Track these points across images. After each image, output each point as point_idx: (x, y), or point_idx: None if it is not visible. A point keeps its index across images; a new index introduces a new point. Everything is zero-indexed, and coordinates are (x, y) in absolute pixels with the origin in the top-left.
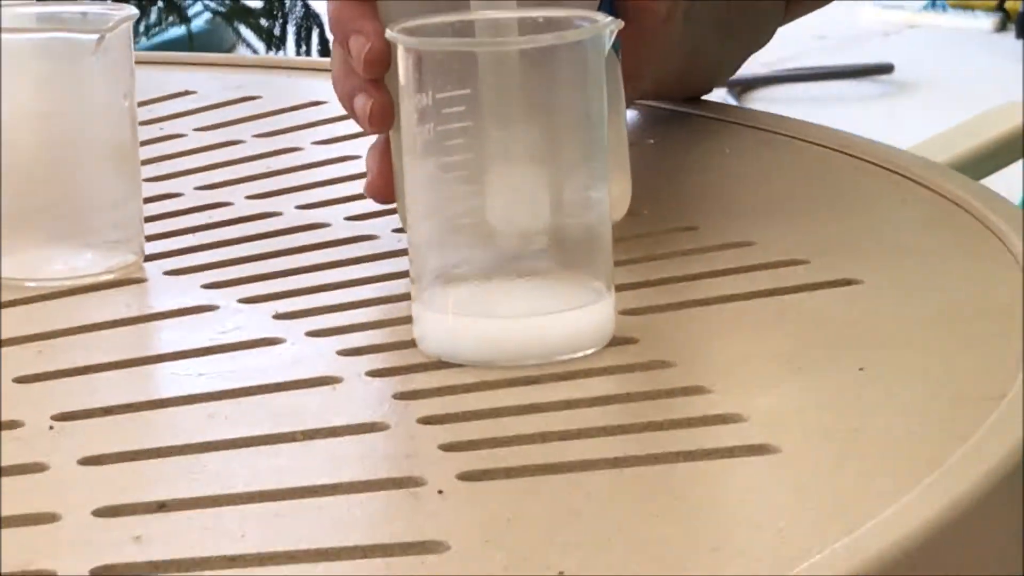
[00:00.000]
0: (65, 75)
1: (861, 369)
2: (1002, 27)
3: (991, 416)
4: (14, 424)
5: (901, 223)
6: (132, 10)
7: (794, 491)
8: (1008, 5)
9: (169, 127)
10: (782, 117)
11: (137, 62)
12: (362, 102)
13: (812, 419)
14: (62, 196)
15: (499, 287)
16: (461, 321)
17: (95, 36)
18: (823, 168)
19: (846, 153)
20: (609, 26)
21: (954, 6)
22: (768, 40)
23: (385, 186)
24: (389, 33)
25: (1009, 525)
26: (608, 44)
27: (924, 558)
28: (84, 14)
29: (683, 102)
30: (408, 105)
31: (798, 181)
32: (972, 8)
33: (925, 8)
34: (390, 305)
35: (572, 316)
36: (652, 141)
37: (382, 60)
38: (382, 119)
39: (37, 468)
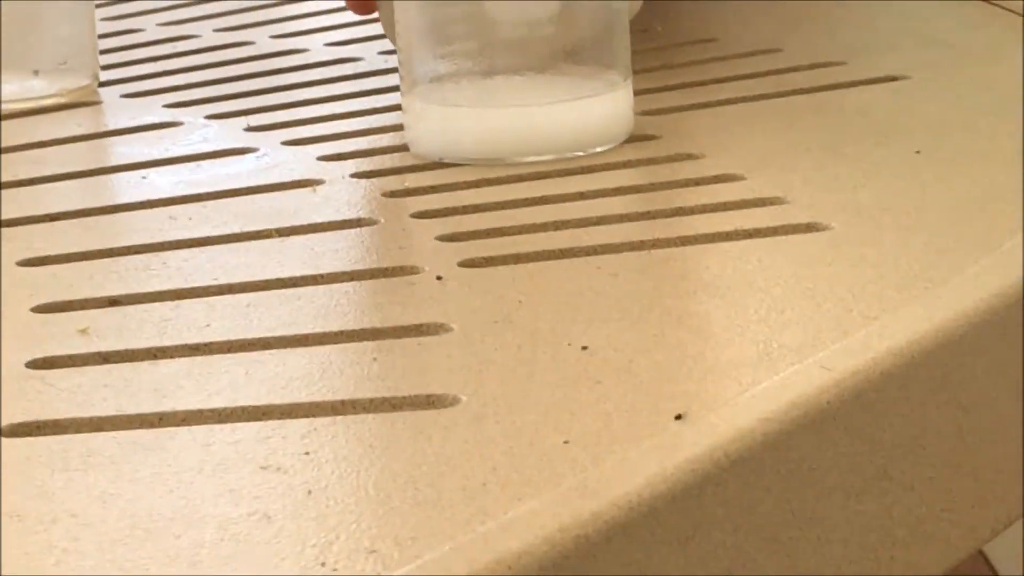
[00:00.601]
0: None
1: (917, 152)
2: None
3: None
4: None
5: (943, 24)
6: None
7: (850, 266)
8: None
9: None
10: None
11: None
12: None
13: (863, 199)
14: (9, 16)
15: (502, 78)
16: (459, 112)
17: None
18: None
19: None
20: None
21: None
22: None
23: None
24: None
25: None
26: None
27: (985, 328)
28: None
29: None
30: None
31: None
32: None
33: None
34: (378, 116)
35: (585, 106)
36: None
37: None
38: None
39: None
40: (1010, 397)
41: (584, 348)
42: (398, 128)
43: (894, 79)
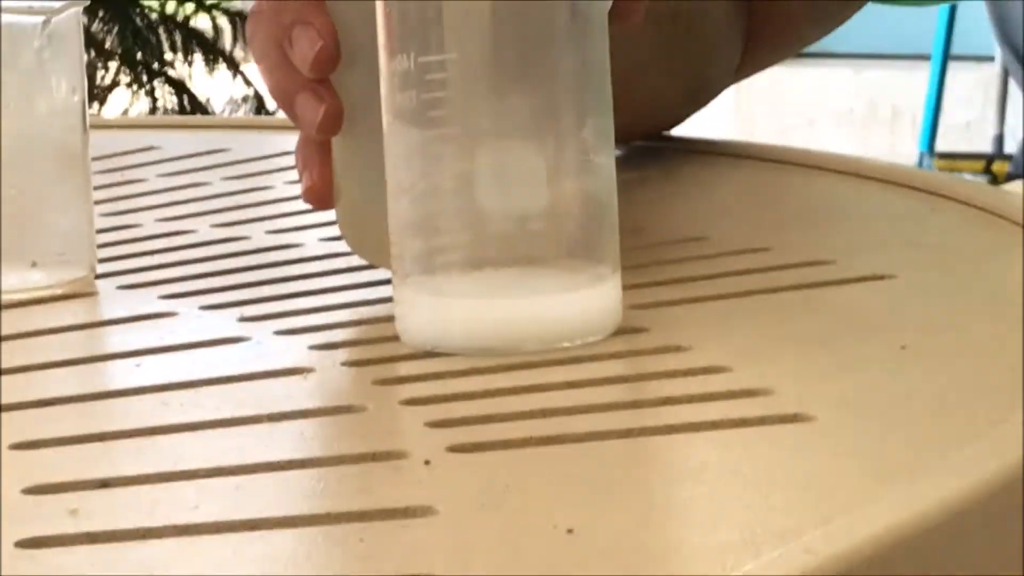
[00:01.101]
0: (7, 67)
1: (903, 347)
2: None
3: None
4: None
5: (931, 227)
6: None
7: (834, 456)
8: (995, 168)
9: (131, 175)
10: (783, 147)
11: (93, 126)
12: (310, 105)
13: (848, 391)
14: (7, 208)
15: (492, 270)
16: (449, 303)
17: (39, 19)
18: (838, 188)
19: (863, 176)
20: None
21: (941, 168)
22: (717, 90)
23: (326, 188)
24: None
25: None
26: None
27: (968, 518)
28: (30, 7)
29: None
30: (387, 70)
31: (813, 198)
32: (960, 171)
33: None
34: (370, 307)
35: (574, 298)
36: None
37: (332, 60)
38: (334, 125)
39: None
40: None
41: (569, 531)
42: (390, 319)
43: (881, 278)
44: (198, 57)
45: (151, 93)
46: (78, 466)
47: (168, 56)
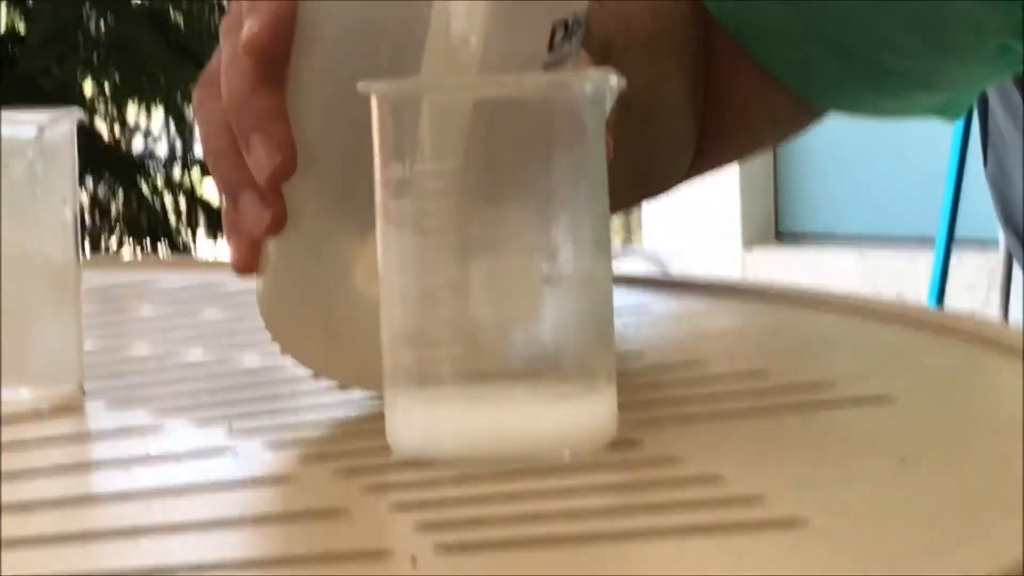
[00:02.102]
0: None
1: (902, 459)
2: None
3: None
4: None
5: (934, 355)
6: (76, 110)
7: (828, 557)
8: None
9: (124, 305)
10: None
11: (92, 267)
12: (256, 208)
13: (845, 498)
14: None
15: (485, 379)
16: (441, 413)
17: (33, 130)
18: (841, 323)
19: (867, 314)
20: (610, 80)
21: None
22: (668, 183)
23: (254, 262)
24: (364, 85)
25: None
26: (610, 102)
27: None
28: (21, 118)
29: None
30: (382, 176)
31: (814, 330)
32: None
33: None
34: (364, 423)
35: (568, 410)
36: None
37: (288, 176)
38: (278, 231)
39: None
40: None
41: None
42: (382, 431)
43: (880, 400)
44: (202, 223)
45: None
46: (58, 564)
47: (172, 222)
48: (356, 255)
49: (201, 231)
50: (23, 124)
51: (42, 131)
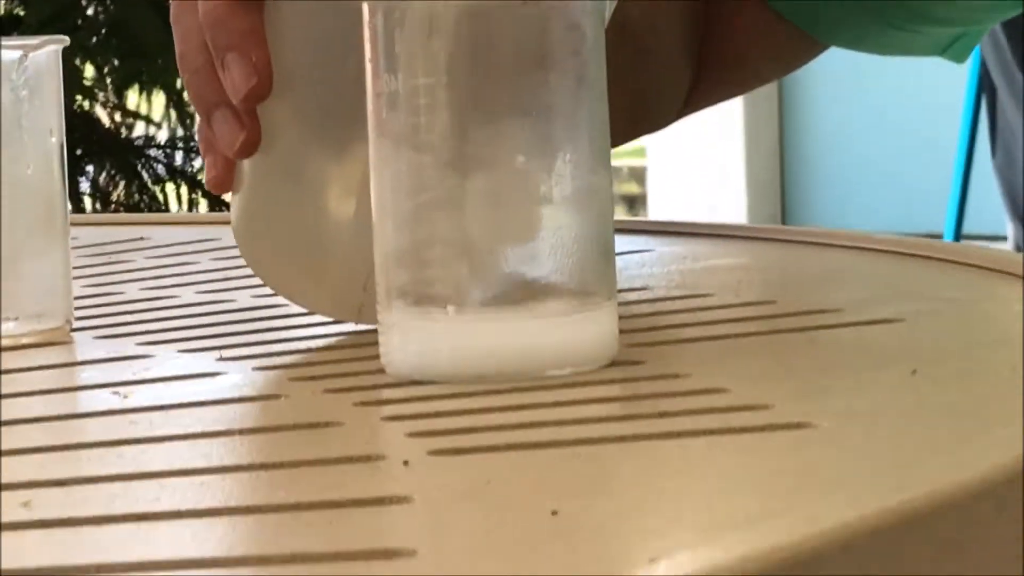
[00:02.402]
0: None
1: (914, 372)
2: None
3: None
4: None
5: (941, 284)
6: (62, 37)
7: (836, 454)
8: None
9: (117, 258)
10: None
11: (84, 224)
12: (230, 126)
13: (856, 404)
14: None
15: (481, 297)
16: (435, 330)
17: (16, 54)
18: (849, 257)
19: (875, 249)
20: None
21: None
22: (663, 119)
23: (228, 178)
24: None
25: None
26: (609, 9)
27: (983, 503)
28: (6, 43)
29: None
30: (373, 90)
31: (823, 265)
32: None
33: None
34: (357, 348)
35: (567, 326)
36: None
37: (263, 97)
38: (251, 151)
39: None
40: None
41: (554, 513)
42: (376, 356)
43: (889, 322)
44: (204, 210)
45: None
46: (35, 470)
47: (173, 208)
48: (331, 177)
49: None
50: (7, 48)
51: (26, 55)
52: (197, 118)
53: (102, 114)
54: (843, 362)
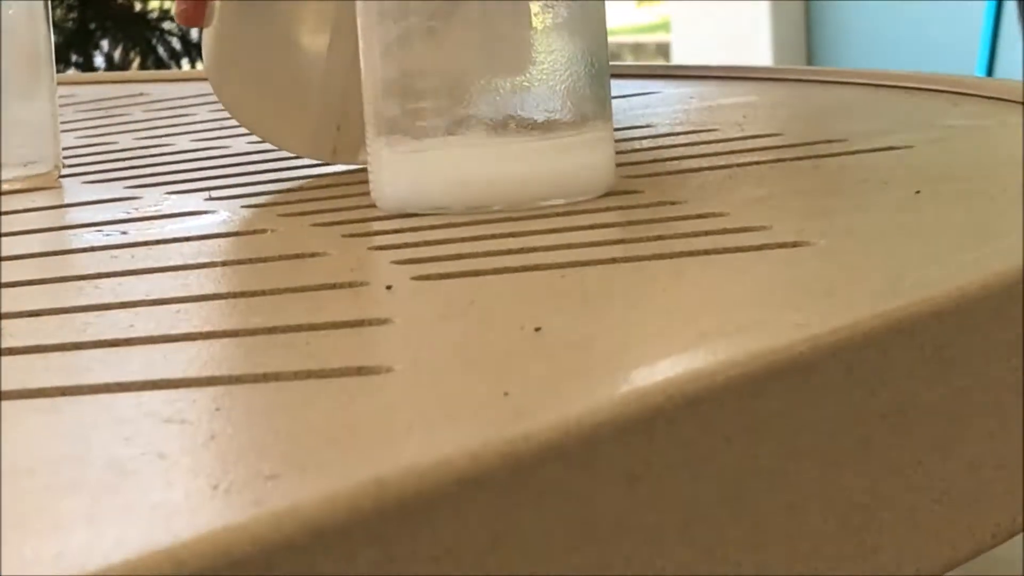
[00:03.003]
0: None
1: (917, 192)
2: None
3: None
4: None
5: (951, 115)
6: None
7: (839, 266)
8: None
9: (114, 112)
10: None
11: (85, 82)
12: None
13: (857, 222)
14: None
15: (474, 126)
16: (428, 161)
17: None
18: (863, 94)
19: (889, 85)
20: None
21: None
22: None
23: (198, 14)
24: None
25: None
26: None
27: (982, 307)
28: None
29: None
30: None
31: (834, 100)
32: None
33: None
34: (347, 186)
35: (561, 154)
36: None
37: None
38: None
39: None
40: (1011, 390)
41: (537, 329)
42: (366, 191)
43: (895, 149)
44: None
45: None
46: (8, 304)
47: None
48: (303, 12)
49: None
50: None
51: None
52: None
53: None
54: (847, 186)
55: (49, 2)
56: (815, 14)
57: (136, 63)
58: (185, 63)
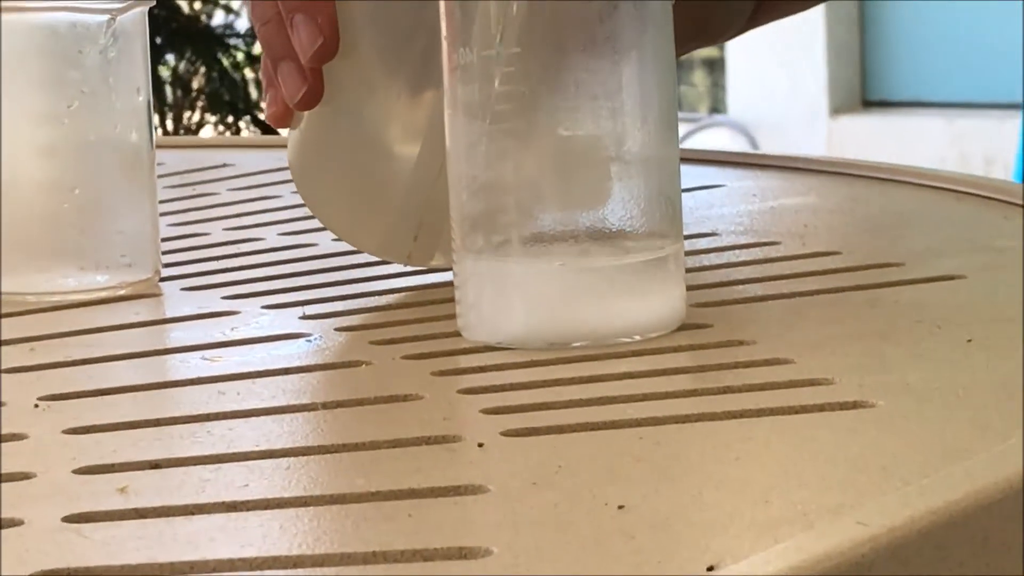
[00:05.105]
0: (71, 65)
1: (969, 340)
2: None
3: None
4: None
5: (1003, 232)
6: None
7: (894, 438)
8: None
9: (201, 190)
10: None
11: (170, 146)
12: (294, 79)
13: (911, 379)
14: (69, 208)
15: (554, 264)
16: (511, 298)
17: (104, 17)
18: (913, 196)
19: (932, 186)
20: None
21: None
22: (727, 31)
23: (287, 114)
24: None
25: None
26: None
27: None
28: (94, 5)
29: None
30: (449, 62)
31: (886, 206)
32: None
33: None
34: (434, 306)
35: (638, 293)
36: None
37: (330, 57)
38: (312, 104)
39: (15, 438)
40: None
41: (620, 507)
42: (452, 317)
43: (950, 278)
44: None
45: (237, 133)
46: (130, 450)
47: (254, 96)
48: (390, 121)
49: None
50: (95, 12)
51: (114, 18)
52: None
53: (182, 1)
54: (903, 327)
55: (151, 107)
56: (870, 13)
57: (201, 74)
58: (248, 72)
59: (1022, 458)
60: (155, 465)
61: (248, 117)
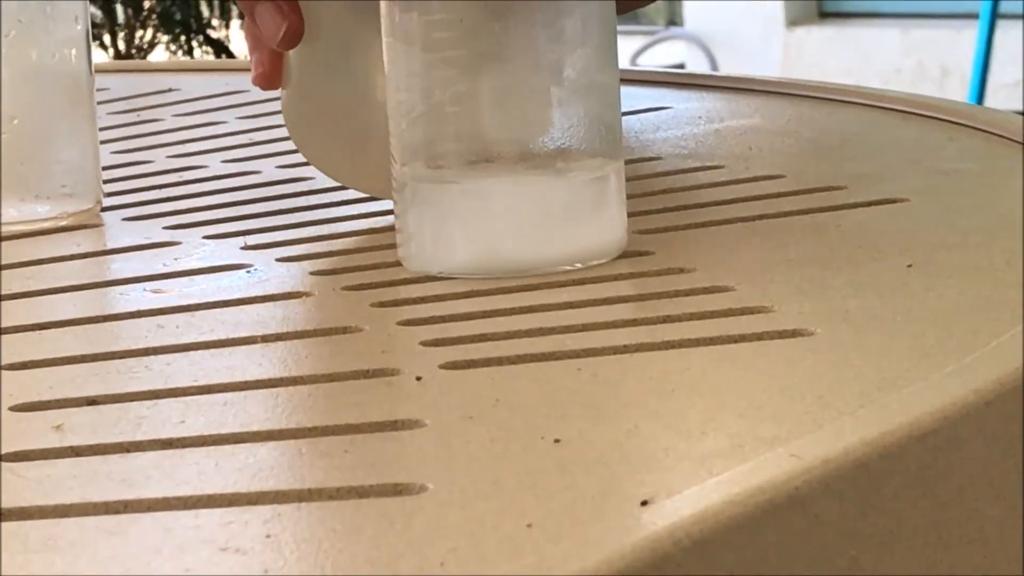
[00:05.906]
0: None
1: (909, 266)
2: None
3: None
4: None
5: (949, 154)
6: None
7: (831, 368)
8: None
9: (146, 115)
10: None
11: (117, 71)
12: (273, 18)
13: (852, 306)
14: (8, 138)
15: (496, 189)
16: (451, 228)
17: None
18: (859, 118)
19: (878, 106)
20: None
21: None
22: None
23: (275, 75)
24: None
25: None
26: None
27: (963, 425)
28: None
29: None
30: None
31: (832, 128)
32: None
33: None
34: (375, 235)
35: (578, 221)
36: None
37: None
38: (294, 41)
39: None
40: (990, 498)
41: (556, 441)
42: (393, 246)
43: (893, 202)
44: (236, 16)
45: (189, 53)
46: (67, 386)
47: (206, 15)
48: (377, 64)
49: (235, 24)
50: None
51: None
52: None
53: None
54: (844, 254)
55: (90, 35)
56: None
57: None
58: None
59: (957, 388)
60: (92, 402)
61: (201, 37)
